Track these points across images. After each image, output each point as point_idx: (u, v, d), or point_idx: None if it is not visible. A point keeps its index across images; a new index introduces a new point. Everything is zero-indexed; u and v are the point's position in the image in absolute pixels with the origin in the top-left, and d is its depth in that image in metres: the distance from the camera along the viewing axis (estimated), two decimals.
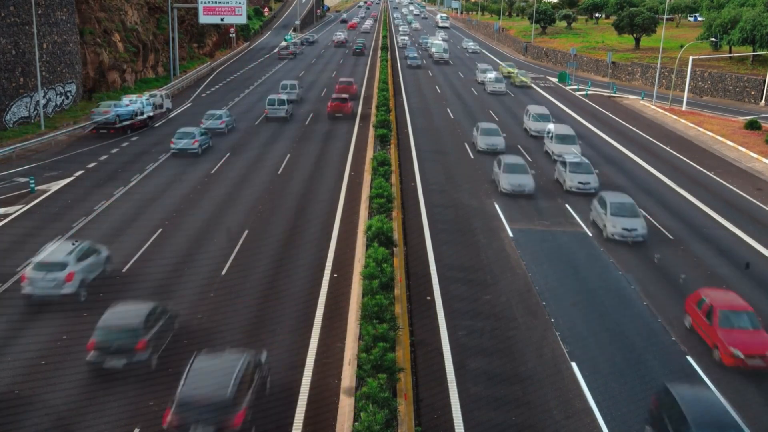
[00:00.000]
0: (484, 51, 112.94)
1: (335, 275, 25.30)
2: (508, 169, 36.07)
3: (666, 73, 77.48)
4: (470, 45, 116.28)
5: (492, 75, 72.24)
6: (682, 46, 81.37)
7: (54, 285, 22.31)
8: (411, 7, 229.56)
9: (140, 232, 28.77)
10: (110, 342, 18.62)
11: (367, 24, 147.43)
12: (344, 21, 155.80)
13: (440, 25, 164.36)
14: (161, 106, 53.29)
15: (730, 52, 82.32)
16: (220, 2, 71.10)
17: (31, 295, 22.43)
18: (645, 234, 29.28)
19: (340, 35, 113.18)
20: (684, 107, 64.54)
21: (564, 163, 37.36)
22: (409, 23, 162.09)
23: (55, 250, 23.63)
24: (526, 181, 35.33)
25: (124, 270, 25.17)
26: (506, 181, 35.26)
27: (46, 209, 31.68)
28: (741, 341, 20.12)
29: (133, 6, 69.28)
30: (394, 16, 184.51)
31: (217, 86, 69.91)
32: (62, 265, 22.60)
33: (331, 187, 36.20)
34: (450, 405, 17.73)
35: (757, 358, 19.91)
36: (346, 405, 16.45)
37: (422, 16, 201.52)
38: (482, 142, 44.10)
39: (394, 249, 24.51)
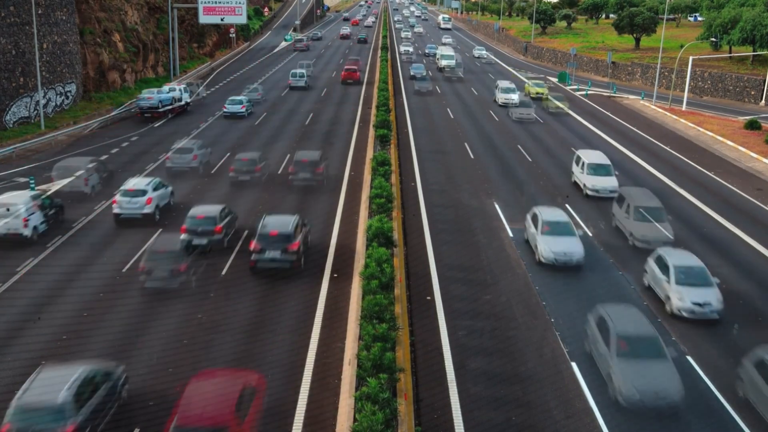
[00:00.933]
0: (498, 61, 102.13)
1: (335, 275, 25.30)
2: (549, 228, 26.74)
3: (666, 73, 77.48)
4: (482, 53, 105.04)
5: (515, 97, 59.91)
6: (682, 46, 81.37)
7: (137, 207, 29.77)
8: (412, 8, 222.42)
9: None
10: (196, 227, 26.44)
11: (369, 20, 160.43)
12: (346, 19, 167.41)
13: (442, 26, 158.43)
14: (198, 94, 61.94)
15: (730, 52, 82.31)
16: (220, 2, 71.12)
17: (119, 214, 29.86)
18: (719, 309, 22.69)
19: (346, 30, 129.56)
20: (684, 107, 64.54)
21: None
22: (412, 27, 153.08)
23: (136, 181, 30.84)
24: (574, 247, 26.29)
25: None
26: (547, 247, 26.12)
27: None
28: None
29: (133, 6, 69.29)
30: (395, 19, 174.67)
31: (217, 86, 69.89)
32: (143, 192, 30.01)
33: (331, 186, 36.21)
34: (450, 405, 17.73)
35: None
36: (346, 405, 16.45)
37: (423, 17, 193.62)
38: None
39: (394, 249, 24.51)
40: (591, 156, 37.64)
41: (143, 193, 30.01)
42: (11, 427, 14.81)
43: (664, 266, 23.93)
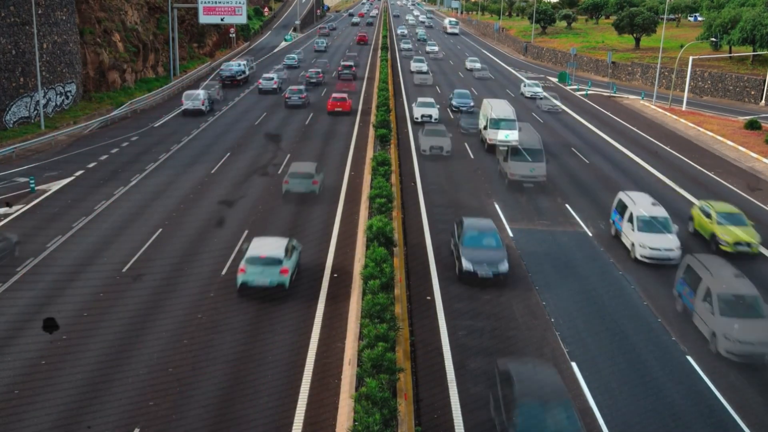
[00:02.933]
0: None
1: (335, 275, 25.30)
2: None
3: (666, 73, 77.47)
4: (476, 65, 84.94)
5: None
6: (682, 46, 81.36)
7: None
8: (416, 12, 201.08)
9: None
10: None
11: (373, 12, 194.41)
12: (351, 15, 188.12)
13: (449, 31, 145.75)
14: (252, 68, 76.19)
15: (730, 52, 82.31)
16: (220, 2, 71.08)
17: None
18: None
19: (356, 19, 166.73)
20: (684, 107, 64.55)
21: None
22: (423, 41, 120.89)
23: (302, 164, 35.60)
24: None
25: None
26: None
27: (46, 209, 31.67)
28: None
29: (133, 6, 69.26)
30: (399, 32, 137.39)
31: (217, 86, 69.78)
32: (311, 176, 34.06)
33: (331, 185, 36.19)
34: (450, 405, 17.73)
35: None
36: (346, 405, 16.45)
37: (428, 24, 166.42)
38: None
39: (394, 249, 24.51)
40: (640, 201, 28.62)
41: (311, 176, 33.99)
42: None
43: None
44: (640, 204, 28.33)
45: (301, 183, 33.32)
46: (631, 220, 27.03)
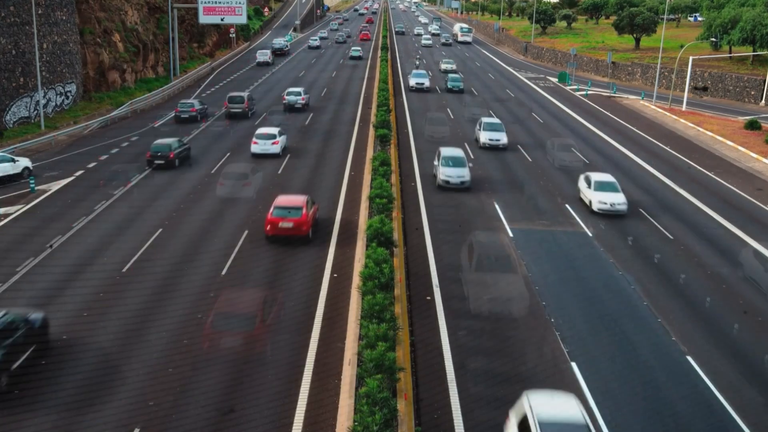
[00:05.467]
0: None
1: (335, 275, 25.30)
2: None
3: (666, 73, 77.49)
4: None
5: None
6: (682, 46, 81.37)
7: (270, 146, 41.40)
8: (421, 18, 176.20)
9: None
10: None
11: (375, 6, 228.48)
12: (356, 10, 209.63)
13: (460, 39, 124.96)
14: (287, 47, 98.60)
15: (730, 52, 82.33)
16: (220, 2, 71.09)
17: (254, 153, 41.11)
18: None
19: (364, 11, 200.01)
20: (684, 107, 64.56)
21: None
22: (448, 71, 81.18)
23: (265, 129, 42.83)
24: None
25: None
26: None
27: (46, 209, 31.67)
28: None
29: (133, 6, 69.26)
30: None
31: (217, 86, 69.87)
32: (273, 136, 41.69)
33: (331, 185, 36.20)
34: (450, 405, 17.73)
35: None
36: (346, 405, 16.45)
37: (435, 31, 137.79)
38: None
39: (394, 249, 24.51)
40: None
41: (273, 136, 42.17)
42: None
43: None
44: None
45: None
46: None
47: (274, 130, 42.52)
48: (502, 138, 45.45)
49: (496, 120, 48.78)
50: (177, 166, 38.72)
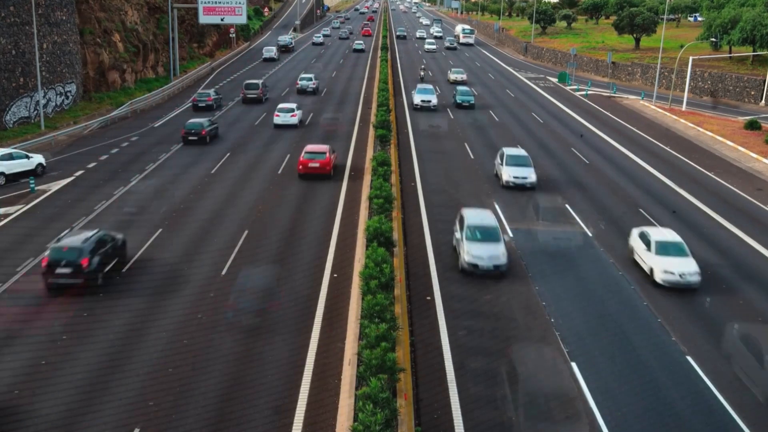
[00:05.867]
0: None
1: (335, 275, 25.30)
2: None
3: (666, 73, 77.49)
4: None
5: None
6: (682, 46, 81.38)
7: (289, 118, 49.90)
8: (422, 20, 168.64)
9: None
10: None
11: (376, 5, 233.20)
12: (357, 9, 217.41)
13: (462, 41, 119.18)
14: (292, 42, 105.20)
15: (730, 52, 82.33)
16: (220, 2, 71.08)
17: (276, 124, 49.87)
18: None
19: (365, 10, 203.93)
20: (684, 107, 64.56)
21: None
22: (457, 81, 72.92)
23: (285, 104, 51.47)
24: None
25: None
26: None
27: (46, 209, 31.67)
28: None
29: (133, 6, 69.25)
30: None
31: (217, 86, 69.87)
32: (291, 110, 50.47)
33: (331, 186, 36.21)
34: (450, 405, 17.73)
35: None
36: (346, 405, 16.45)
37: (438, 34, 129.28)
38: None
39: (394, 249, 24.51)
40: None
41: (291, 110, 50.16)
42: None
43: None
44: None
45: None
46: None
47: (293, 105, 51.48)
48: (530, 175, 35.99)
49: (522, 152, 38.81)
50: (208, 142, 45.00)
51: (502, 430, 16.93)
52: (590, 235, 30.18)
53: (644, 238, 26.57)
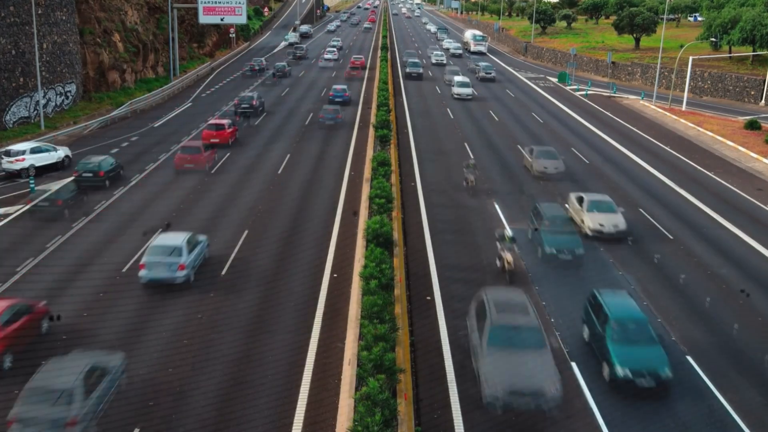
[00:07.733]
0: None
1: (335, 275, 25.30)
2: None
3: (666, 73, 77.49)
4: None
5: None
6: (682, 46, 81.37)
7: (334, 58, 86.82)
8: (429, 26, 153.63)
9: None
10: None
11: (376, 2, 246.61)
12: (359, 6, 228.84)
13: (473, 49, 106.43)
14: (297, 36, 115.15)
15: (730, 52, 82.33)
16: (220, 2, 71.08)
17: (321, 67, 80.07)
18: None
19: (367, 6, 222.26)
20: (684, 107, 64.56)
21: None
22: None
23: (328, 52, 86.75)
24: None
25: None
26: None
27: (47, 209, 31.62)
28: None
29: (133, 6, 69.26)
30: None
31: (217, 86, 69.88)
32: (333, 52, 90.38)
33: (331, 186, 36.22)
34: (450, 405, 17.73)
35: None
36: (345, 405, 16.45)
37: (456, 51, 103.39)
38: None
39: (394, 249, 24.50)
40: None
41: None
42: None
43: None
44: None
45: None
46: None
47: (335, 49, 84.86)
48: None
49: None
50: (259, 114, 53.67)
51: (502, 430, 16.94)
52: (590, 234, 30.12)
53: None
